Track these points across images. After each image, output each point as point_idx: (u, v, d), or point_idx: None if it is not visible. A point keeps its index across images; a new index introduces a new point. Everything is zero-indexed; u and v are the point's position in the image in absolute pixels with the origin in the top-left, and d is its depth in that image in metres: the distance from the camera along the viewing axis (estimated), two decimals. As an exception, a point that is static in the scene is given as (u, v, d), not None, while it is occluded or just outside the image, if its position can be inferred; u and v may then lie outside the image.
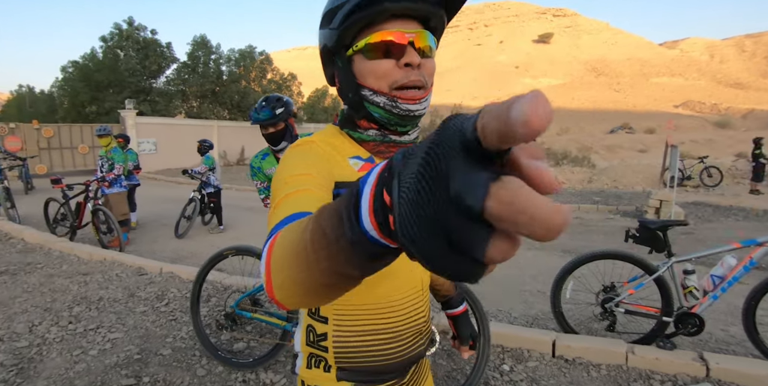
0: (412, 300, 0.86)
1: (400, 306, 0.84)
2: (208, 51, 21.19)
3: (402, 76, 0.76)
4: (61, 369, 2.37)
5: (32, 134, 15.40)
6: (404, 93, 0.77)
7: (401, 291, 0.84)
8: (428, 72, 0.77)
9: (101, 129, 5.84)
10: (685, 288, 2.81)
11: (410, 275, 0.86)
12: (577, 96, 76.27)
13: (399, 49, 0.74)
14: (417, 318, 0.86)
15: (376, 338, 0.84)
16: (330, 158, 0.82)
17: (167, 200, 9.37)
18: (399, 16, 0.74)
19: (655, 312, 2.86)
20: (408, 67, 0.75)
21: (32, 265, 4.31)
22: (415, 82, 0.75)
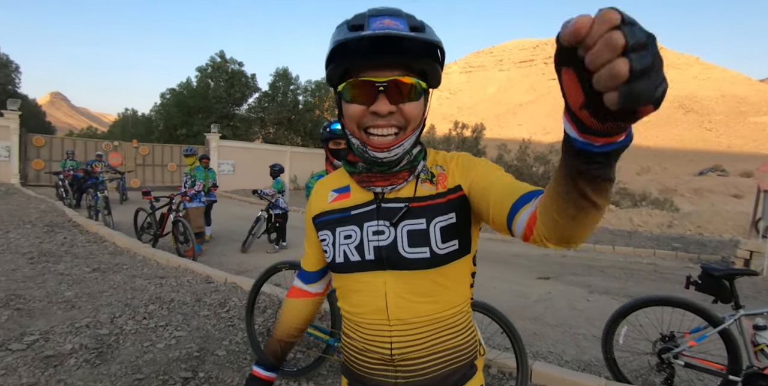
0: (375, 324, 0.88)
1: (364, 323, 0.89)
2: (288, 82, 22.87)
3: (369, 121, 0.82)
4: (132, 356, 2.67)
5: (131, 152, 17.39)
6: (373, 140, 0.82)
7: (364, 309, 0.89)
8: (409, 115, 0.82)
9: (188, 150, 6.59)
10: (755, 346, 2.57)
11: (373, 298, 0.88)
12: (661, 134, 71.59)
13: (369, 96, 0.80)
14: (380, 345, 0.88)
15: (350, 344, 0.94)
16: (316, 199, 1.01)
17: (240, 217, 10.06)
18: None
19: (720, 369, 2.63)
20: (375, 114, 0.80)
21: (119, 266, 4.86)
22: (380, 127, 0.81)
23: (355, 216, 0.91)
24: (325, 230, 0.95)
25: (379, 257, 0.87)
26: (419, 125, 0.86)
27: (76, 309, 3.43)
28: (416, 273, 0.85)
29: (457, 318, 0.90)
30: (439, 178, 0.90)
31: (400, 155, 0.85)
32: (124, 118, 31.72)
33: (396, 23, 0.77)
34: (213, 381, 2.45)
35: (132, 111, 31.59)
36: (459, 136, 23.08)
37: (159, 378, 2.43)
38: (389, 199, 0.89)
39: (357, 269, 0.89)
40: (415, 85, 0.81)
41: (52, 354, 2.62)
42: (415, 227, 0.86)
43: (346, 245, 0.90)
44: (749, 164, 39.26)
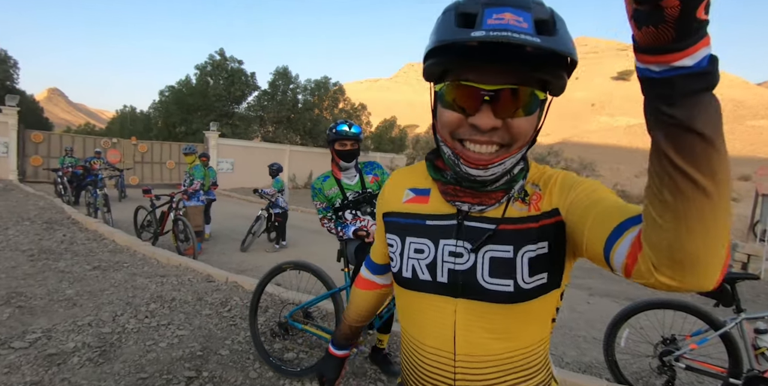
0: (438, 356, 0.78)
1: (426, 353, 0.80)
2: (288, 81, 22.85)
3: (466, 133, 0.68)
4: (135, 355, 2.67)
5: (130, 149, 17.33)
6: (468, 154, 0.69)
7: (428, 340, 0.79)
8: (518, 132, 0.67)
9: (187, 148, 6.59)
10: (756, 349, 2.58)
11: (440, 327, 0.78)
12: (658, 137, 71.73)
13: (471, 105, 0.66)
14: (442, 379, 0.78)
15: (408, 367, 0.85)
16: (390, 192, 0.90)
17: (239, 216, 10.05)
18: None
19: (721, 372, 2.65)
20: (474, 127, 0.67)
21: (119, 263, 4.85)
22: (479, 142, 0.68)
23: (430, 228, 0.79)
24: (393, 235, 0.85)
25: (454, 282, 0.75)
26: (528, 141, 0.71)
27: (78, 307, 3.42)
28: (493, 306, 0.73)
29: (533, 358, 0.78)
30: (533, 198, 0.76)
31: (499, 174, 0.72)
32: (123, 115, 31.57)
33: (518, 19, 0.59)
34: (217, 380, 2.45)
35: (131, 108, 31.45)
36: (458, 136, 23.15)
37: (163, 377, 2.43)
38: (474, 217, 0.77)
39: (425, 290, 0.79)
40: (531, 97, 0.66)
41: (55, 353, 2.62)
42: (499, 254, 0.73)
43: (416, 260, 0.79)
44: (747, 167, 39.50)
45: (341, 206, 2.72)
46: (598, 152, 57.15)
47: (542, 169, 0.81)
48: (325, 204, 2.73)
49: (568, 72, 0.67)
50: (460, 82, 0.66)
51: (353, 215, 2.72)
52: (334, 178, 2.74)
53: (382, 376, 2.68)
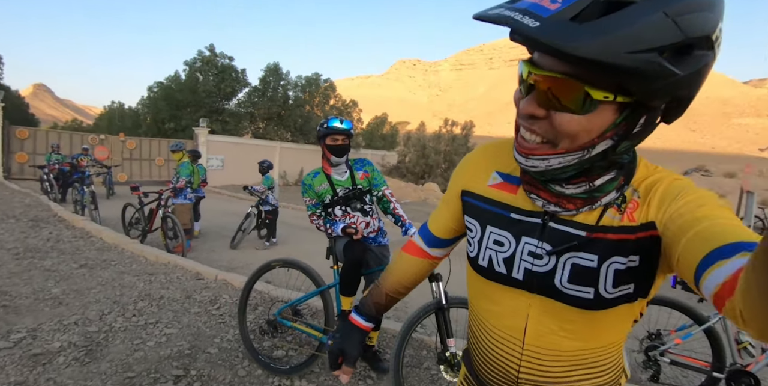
0: (507, 342, 0.78)
1: (496, 335, 0.79)
2: (278, 77, 22.70)
3: (522, 118, 0.65)
4: (122, 354, 2.64)
5: (118, 145, 17.11)
6: (519, 139, 0.67)
7: (500, 324, 0.79)
8: (560, 128, 0.60)
9: (174, 145, 6.53)
10: (739, 343, 2.64)
11: (512, 316, 0.77)
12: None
13: (525, 88, 0.62)
14: (508, 364, 0.78)
15: (476, 345, 0.85)
16: (474, 168, 0.84)
17: (229, 213, 9.98)
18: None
19: (705, 366, 2.69)
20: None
21: (107, 262, 4.79)
22: (523, 127, 0.65)
23: (513, 222, 0.75)
24: (473, 220, 0.81)
25: (529, 281, 0.73)
26: (582, 146, 0.61)
27: (64, 306, 3.38)
28: (570, 309, 0.70)
29: (605, 358, 0.75)
30: (629, 206, 0.68)
31: (542, 169, 0.65)
32: (111, 111, 31.14)
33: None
34: (205, 379, 2.43)
35: (119, 104, 31.00)
36: (449, 133, 23.16)
37: (150, 376, 2.41)
38: (563, 220, 0.71)
39: (500, 281, 0.77)
40: (581, 94, 0.56)
41: (40, 352, 2.58)
42: (582, 262, 0.68)
43: (494, 251, 0.77)
44: (732, 164, 40.12)
45: (331, 202, 2.71)
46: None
47: (650, 170, 0.71)
48: (314, 201, 2.72)
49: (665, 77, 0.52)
50: (526, 60, 0.61)
51: (343, 212, 2.71)
52: (325, 174, 2.73)
53: (372, 373, 2.69)
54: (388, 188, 2.85)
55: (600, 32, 0.49)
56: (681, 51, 0.51)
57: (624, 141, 0.62)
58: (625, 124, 0.60)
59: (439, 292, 2.29)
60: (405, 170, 22.68)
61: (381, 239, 2.84)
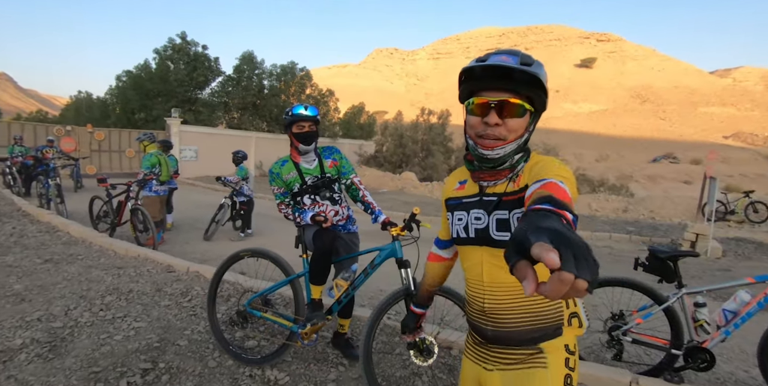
0: (475, 285, 1.20)
1: (470, 283, 1.23)
2: (253, 66, 22.20)
3: (482, 129, 1.09)
4: (88, 349, 2.58)
5: (86, 137, 16.52)
6: (482, 141, 1.10)
7: (469, 275, 1.23)
8: (511, 128, 1.08)
9: (140, 136, 6.37)
10: (695, 321, 2.76)
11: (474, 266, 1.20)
12: (619, 123, 74.24)
13: (484, 111, 1.07)
14: (478, 300, 1.20)
15: (467, 299, 1.26)
16: (449, 182, 1.34)
17: (203, 205, 9.81)
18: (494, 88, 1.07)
19: (664, 344, 2.81)
20: (486, 124, 1.07)
21: (74, 256, 4.66)
22: (489, 135, 1.08)
23: (465, 204, 1.22)
24: (448, 212, 1.28)
25: (477, 236, 1.16)
26: (519, 136, 1.11)
27: (27, 302, 3.27)
28: (502, 250, 1.07)
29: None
30: (519, 178, 1.13)
31: (501, 155, 1.10)
32: (78, 101, 29.86)
33: (509, 59, 1.03)
34: (174, 371, 2.41)
35: (86, 94, 29.78)
36: (426, 122, 23.18)
37: (117, 370, 2.37)
38: (488, 193, 1.16)
39: (465, 244, 1.21)
40: (520, 105, 1.05)
41: (1, 350, 2.51)
42: (502, 216, 1.11)
43: (458, 225, 1.22)
44: (699, 152, 41.49)
45: (300, 190, 2.68)
46: (562, 137, 58.57)
47: (535, 158, 1.15)
48: (283, 189, 2.69)
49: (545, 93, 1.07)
50: (479, 98, 1.08)
51: (312, 200, 2.69)
52: (293, 162, 2.70)
53: (344, 360, 2.71)
54: (357, 176, 2.84)
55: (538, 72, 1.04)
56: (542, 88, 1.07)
57: (529, 136, 1.15)
58: (531, 123, 1.14)
59: (408, 278, 2.31)
60: (382, 160, 22.65)
61: (350, 226, 2.84)
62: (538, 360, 1.12)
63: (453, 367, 2.74)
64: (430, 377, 2.60)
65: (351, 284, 2.48)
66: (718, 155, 9.43)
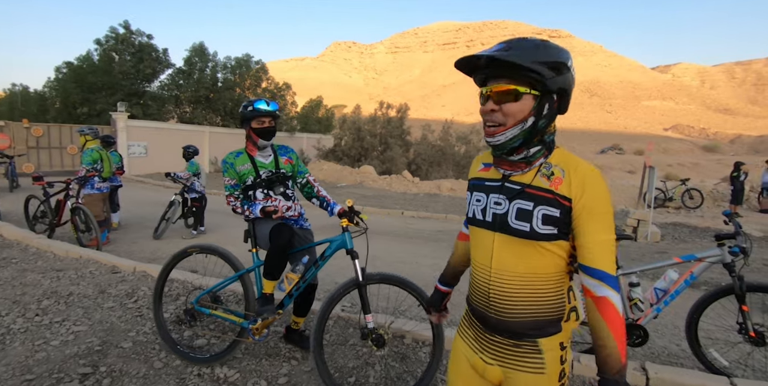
0: (482, 268, 1.20)
1: (476, 266, 1.23)
2: (205, 58, 21.39)
3: (485, 115, 1.13)
4: (21, 356, 2.43)
5: (21, 133, 15.40)
6: (485, 129, 1.14)
7: (477, 258, 1.22)
8: (507, 113, 1.08)
9: (83, 129, 6.01)
10: (630, 300, 2.94)
11: (484, 249, 1.19)
12: (569, 116, 77.37)
13: (483, 99, 1.13)
14: (482, 283, 1.20)
15: (471, 281, 1.27)
16: (475, 164, 1.33)
17: (154, 203, 9.41)
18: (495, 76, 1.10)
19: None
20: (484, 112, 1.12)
21: (7, 260, 4.36)
22: (487, 121, 1.12)
23: (486, 186, 1.22)
24: (469, 192, 1.29)
25: (494, 221, 1.16)
26: (520, 121, 1.09)
27: (-49, 310, 3.04)
28: (516, 239, 1.11)
29: (546, 283, 1.12)
30: (556, 179, 1.10)
31: (503, 141, 1.11)
32: (12, 95, 27.64)
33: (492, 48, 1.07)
34: (116, 374, 2.31)
35: (21, 87, 27.68)
36: (384, 116, 23.20)
37: (52, 376, 2.25)
38: (512, 181, 1.16)
39: (479, 226, 1.21)
40: (511, 90, 1.06)
41: None
42: (523, 206, 1.10)
43: (476, 206, 1.22)
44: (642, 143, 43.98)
45: (253, 183, 2.64)
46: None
47: (568, 156, 1.15)
48: (234, 181, 2.64)
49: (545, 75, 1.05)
50: (481, 88, 1.13)
51: (265, 195, 2.65)
52: (248, 155, 2.65)
53: (296, 354, 2.70)
54: (311, 175, 2.86)
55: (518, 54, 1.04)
56: (553, 66, 1.06)
57: (540, 120, 1.09)
58: (538, 107, 1.08)
59: (356, 269, 2.32)
60: (341, 154, 22.48)
61: (303, 222, 2.82)
62: (536, 363, 1.14)
63: (405, 356, 2.78)
64: (383, 366, 2.64)
65: (302, 277, 2.46)
66: (656, 146, 10.03)
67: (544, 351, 1.14)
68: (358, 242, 2.43)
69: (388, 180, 16.76)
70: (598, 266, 1.04)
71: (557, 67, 1.06)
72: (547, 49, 1.06)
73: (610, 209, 1.08)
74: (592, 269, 1.05)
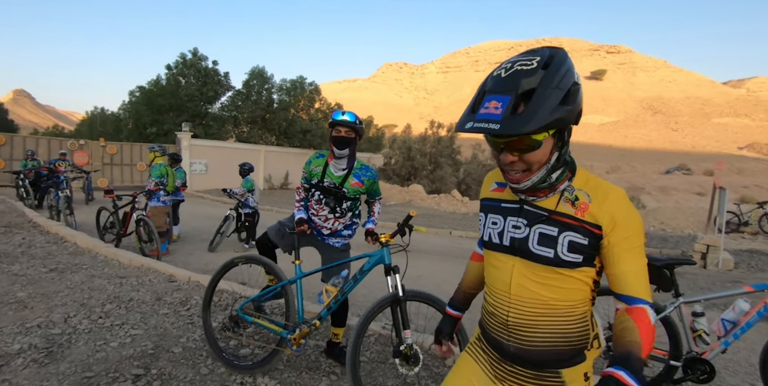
0: (500, 294, 1.14)
1: (493, 292, 1.16)
2: (263, 80, 22.59)
3: (503, 164, 1.03)
4: (83, 355, 2.61)
5: (98, 151, 16.89)
6: (507, 175, 1.05)
7: (495, 281, 1.16)
8: (532, 160, 0.99)
9: (153, 146, 6.51)
10: (694, 331, 2.70)
11: (503, 274, 1.13)
12: (630, 134, 73.73)
13: (497, 149, 1.02)
14: (501, 311, 1.13)
15: (485, 307, 1.22)
16: (486, 184, 1.27)
17: (211, 217, 9.91)
18: None
19: (663, 355, 2.76)
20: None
21: (78, 266, 4.73)
22: (511, 171, 1.03)
23: (503, 208, 1.14)
24: (482, 213, 1.21)
25: (512, 245, 1.09)
26: (546, 162, 1.01)
27: (28, 310, 3.33)
28: (538, 265, 1.06)
29: (570, 310, 1.07)
30: (581, 205, 1.04)
31: (532, 184, 1.03)
32: (92, 116, 30.55)
33: (497, 106, 0.90)
34: (165, 377, 2.43)
35: (100, 109, 30.50)
36: (434, 135, 23.26)
37: (109, 375, 2.39)
38: (534, 205, 1.09)
39: (496, 249, 1.14)
40: (531, 140, 0.95)
41: (-1, 355, 2.55)
42: (546, 231, 1.05)
43: (492, 228, 1.15)
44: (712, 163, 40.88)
45: (314, 185, 2.80)
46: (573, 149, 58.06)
47: (596, 180, 1.08)
48: (306, 175, 2.86)
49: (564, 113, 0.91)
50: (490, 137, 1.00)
51: (318, 200, 2.78)
52: (326, 161, 2.79)
53: (336, 369, 2.70)
54: (381, 200, 3.03)
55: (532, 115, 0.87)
56: (566, 95, 0.91)
57: (563, 150, 1.02)
58: (559, 141, 1.00)
59: (396, 285, 2.32)
60: (391, 172, 22.72)
61: (332, 239, 2.86)
62: None
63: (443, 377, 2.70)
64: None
65: (340, 291, 2.49)
66: (730, 166, 9.31)
67: (568, 383, 1.08)
68: (397, 259, 2.42)
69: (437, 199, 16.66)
70: (634, 294, 1.00)
71: (573, 93, 0.92)
72: (557, 75, 0.91)
73: (642, 231, 1.03)
74: (628, 298, 1.00)
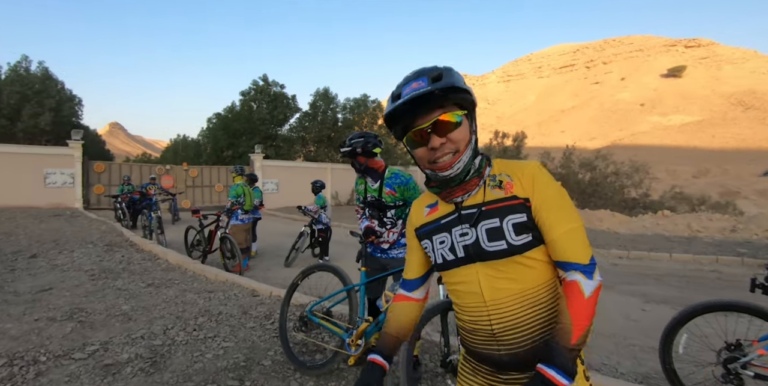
0: (475, 308, 1.10)
1: (467, 309, 1.12)
2: (328, 101, 23.50)
3: (431, 156, 1.06)
4: (183, 365, 2.77)
5: (181, 174, 18.36)
6: (436, 165, 1.07)
7: (466, 297, 1.11)
8: (457, 138, 1.04)
9: (234, 168, 6.95)
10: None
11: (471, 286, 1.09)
12: (719, 134, 67.17)
13: (424, 139, 1.05)
14: (482, 324, 1.09)
15: (462, 328, 1.17)
16: (415, 211, 1.26)
17: (284, 233, 10.32)
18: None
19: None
20: (433, 149, 1.05)
21: (171, 281, 5.10)
22: (441, 155, 1.05)
23: (444, 225, 1.14)
24: (425, 240, 1.19)
25: (468, 253, 1.08)
26: (469, 142, 1.07)
27: (133, 321, 3.62)
28: (499, 261, 1.05)
29: (543, 294, 1.06)
30: (507, 185, 1.08)
31: (462, 168, 1.07)
32: (176, 143, 33.50)
33: (420, 83, 1.02)
34: (258, 389, 2.50)
35: (182, 137, 33.35)
36: (500, 145, 22.73)
37: (208, 385, 2.51)
38: (467, 206, 1.11)
39: (454, 266, 1.11)
40: (452, 117, 1.03)
41: (111, 363, 2.78)
42: (491, 225, 1.05)
43: (442, 248, 1.13)
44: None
45: (363, 202, 3.02)
46: (651, 153, 54.04)
47: (508, 162, 1.14)
48: (358, 195, 3.06)
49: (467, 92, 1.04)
50: (412, 130, 1.06)
51: (369, 214, 2.96)
52: (363, 179, 3.01)
53: (398, 373, 2.64)
54: None
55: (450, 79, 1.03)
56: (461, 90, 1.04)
57: (476, 134, 1.11)
58: (472, 124, 1.10)
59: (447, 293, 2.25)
60: (455, 185, 22.46)
61: (392, 251, 2.91)
62: None
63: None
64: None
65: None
66: None
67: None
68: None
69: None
70: (569, 258, 1.00)
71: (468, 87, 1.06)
72: (438, 69, 1.06)
73: (564, 195, 1.05)
74: (564, 264, 1.01)
